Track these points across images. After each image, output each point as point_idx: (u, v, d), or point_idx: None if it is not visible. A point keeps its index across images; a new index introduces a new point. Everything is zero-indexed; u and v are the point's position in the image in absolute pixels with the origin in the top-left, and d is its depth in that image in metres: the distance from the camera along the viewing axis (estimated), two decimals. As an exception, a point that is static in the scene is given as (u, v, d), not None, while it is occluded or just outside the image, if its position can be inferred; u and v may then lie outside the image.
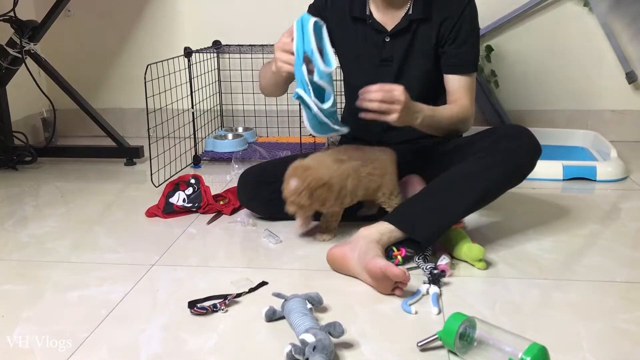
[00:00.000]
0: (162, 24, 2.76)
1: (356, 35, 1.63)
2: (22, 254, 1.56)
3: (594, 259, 1.47)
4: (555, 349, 1.03)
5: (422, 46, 1.58)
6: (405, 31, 1.58)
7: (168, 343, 1.13)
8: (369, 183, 1.53)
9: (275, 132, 2.73)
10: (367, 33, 1.61)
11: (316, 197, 1.44)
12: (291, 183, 1.44)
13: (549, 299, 1.28)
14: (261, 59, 2.65)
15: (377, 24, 1.59)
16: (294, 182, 1.43)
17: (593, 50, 2.56)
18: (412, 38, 1.58)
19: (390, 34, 1.59)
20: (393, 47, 1.60)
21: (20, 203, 1.97)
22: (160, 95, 2.15)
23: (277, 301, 1.20)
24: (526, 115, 2.60)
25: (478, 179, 1.44)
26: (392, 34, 1.59)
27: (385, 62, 1.61)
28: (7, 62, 2.35)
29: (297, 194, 1.43)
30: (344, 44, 1.66)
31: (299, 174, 1.44)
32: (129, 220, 1.79)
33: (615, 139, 2.50)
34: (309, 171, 1.44)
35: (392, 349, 1.09)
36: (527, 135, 1.50)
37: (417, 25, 1.58)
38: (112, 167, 2.38)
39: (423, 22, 1.57)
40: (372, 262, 1.28)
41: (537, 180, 2.07)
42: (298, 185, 1.43)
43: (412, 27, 1.58)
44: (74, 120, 2.78)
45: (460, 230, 1.49)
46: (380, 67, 1.62)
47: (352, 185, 1.50)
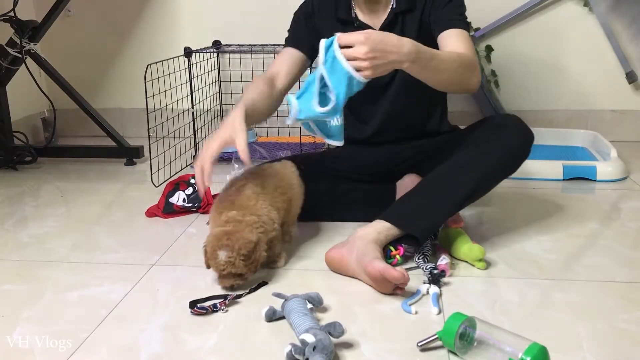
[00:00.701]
0: (162, 24, 2.76)
1: None
2: (22, 254, 1.56)
3: (594, 259, 1.47)
4: (555, 349, 1.03)
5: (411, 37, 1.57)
6: (393, 26, 1.58)
7: (168, 343, 1.13)
8: (282, 204, 1.44)
9: (275, 132, 2.73)
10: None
11: (252, 261, 1.29)
12: (220, 255, 1.27)
13: (549, 299, 1.28)
14: (261, 59, 2.65)
15: (364, 25, 1.59)
16: (223, 254, 1.27)
17: (593, 50, 2.56)
18: (401, 32, 1.57)
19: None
20: None
21: (20, 203, 1.97)
22: (160, 95, 2.15)
23: (277, 301, 1.20)
24: (526, 115, 2.58)
25: (471, 170, 1.43)
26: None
27: None
28: (7, 62, 2.36)
29: (232, 264, 1.27)
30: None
31: (224, 242, 1.27)
32: (129, 220, 1.79)
33: (615, 139, 2.50)
34: (233, 236, 1.28)
35: (392, 349, 1.09)
36: (518, 123, 1.50)
37: (404, 17, 1.58)
38: (112, 167, 2.38)
39: (408, 13, 1.57)
40: (371, 265, 1.28)
41: (537, 180, 2.07)
42: (230, 254, 1.26)
43: (399, 20, 1.58)
44: (74, 120, 2.78)
45: (460, 230, 1.49)
46: None
47: (275, 217, 1.39)
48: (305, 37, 1.63)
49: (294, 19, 1.69)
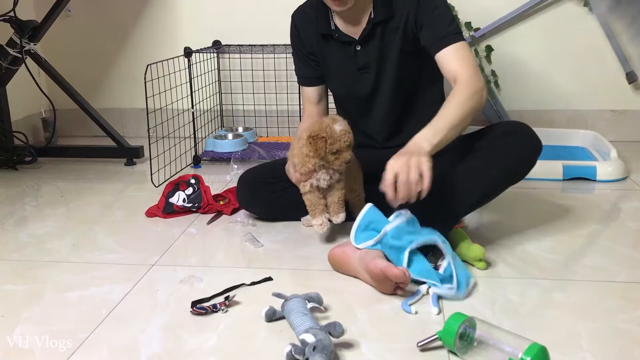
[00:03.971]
0: (162, 24, 2.76)
1: (330, 50, 1.64)
2: (22, 254, 1.56)
3: (594, 259, 1.47)
4: (555, 349, 1.03)
5: (394, 45, 1.57)
6: (373, 36, 1.58)
7: (168, 343, 1.13)
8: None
9: (275, 132, 2.73)
10: (338, 46, 1.62)
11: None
12: (336, 128, 1.43)
13: (549, 299, 1.28)
14: (261, 59, 2.66)
15: (345, 36, 1.60)
16: (339, 126, 1.43)
17: (593, 50, 2.56)
18: (381, 40, 1.57)
19: (359, 42, 1.59)
20: (366, 53, 1.59)
21: (20, 203, 1.97)
22: (160, 95, 2.15)
23: (277, 301, 1.20)
24: (526, 115, 2.60)
25: (478, 178, 1.43)
26: (361, 42, 1.58)
27: (363, 69, 1.61)
28: (7, 62, 2.36)
29: (349, 132, 1.44)
30: (323, 61, 1.67)
31: (335, 120, 1.45)
32: (129, 220, 1.79)
33: (615, 139, 2.50)
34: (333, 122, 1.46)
35: (392, 349, 1.09)
36: (526, 131, 1.49)
37: (383, 26, 1.57)
38: (112, 167, 2.38)
39: (388, 22, 1.56)
40: (373, 262, 1.28)
41: (537, 180, 2.07)
42: (345, 124, 1.44)
43: (378, 30, 1.57)
44: (74, 120, 2.78)
45: (460, 230, 1.49)
46: (359, 75, 1.62)
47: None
48: (309, 71, 1.71)
49: (292, 48, 1.73)
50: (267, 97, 2.70)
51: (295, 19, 1.69)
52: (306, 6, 1.67)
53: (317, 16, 1.62)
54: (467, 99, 1.42)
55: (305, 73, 1.72)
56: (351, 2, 1.49)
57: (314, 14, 1.63)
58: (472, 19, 2.53)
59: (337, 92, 1.74)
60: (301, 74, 1.74)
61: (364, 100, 1.64)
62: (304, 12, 1.67)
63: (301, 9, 1.68)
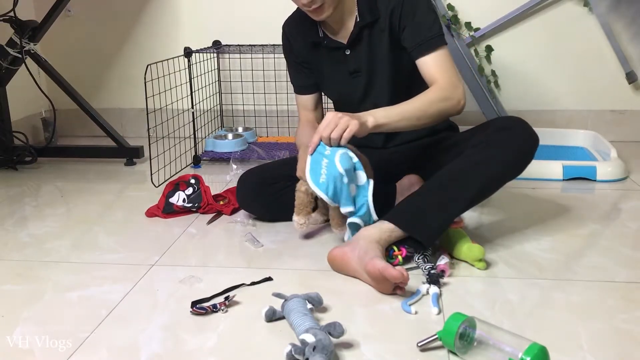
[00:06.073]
0: (162, 24, 2.76)
1: (321, 57, 1.65)
2: (22, 254, 1.56)
3: (594, 259, 1.47)
4: (555, 349, 1.03)
5: (383, 46, 1.58)
6: (361, 39, 1.58)
7: (168, 343, 1.13)
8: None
9: (275, 132, 2.73)
10: (328, 53, 1.63)
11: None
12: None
13: (549, 299, 1.28)
14: (261, 59, 2.65)
15: (333, 42, 1.61)
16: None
17: (593, 50, 2.56)
18: (369, 43, 1.58)
19: (348, 47, 1.60)
20: (356, 57, 1.61)
21: (20, 203, 1.97)
22: (160, 95, 2.15)
23: (277, 301, 1.20)
24: (526, 115, 2.56)
25: (476, 174, 1.43)
26: (350, 46, 1.59)
27: (355, 73, 1.62)
28: (7, 62, 2.35)
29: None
30: (315, 69, 1.69)
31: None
32: (129, 220, 1.79)
33: (615, 139, 2.50)
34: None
35: (392, 349, 1.09)
36: (522, 125, 1.49)
37: (370, 28, 1.57)
38: (112, 167, 2.38)
39: (375, 24, 1.57)
40: (371, 263, 1.28)
41: (537, 180, 2.07)
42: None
43: (365, 33, 1.58)
44: (74, 120, 2.78)
45: (460, 230, 1.49)
46: (351, 79, 1.63)
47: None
48: (304, 80, 1.73)
49: (285, 59, 1.76)
50: (267, 97, 2.70)
51: (285, 30, 1.71)
52: (295, 16, 1.69)
53: (305, 25, 1.63)
54: (436, 100, 1.46)
55: (300, 82, 1.74)
56: (328, 11, 1.50)
57: (302, 23, 1.64)
58: (472, 19, 2.53)
59: (332, 98, 1.77)
60: (296, 83, 1.76)
61: (359, 103, 1.65)
62: (293, 21, 1.69)
63: (291, 18, 1.70)
